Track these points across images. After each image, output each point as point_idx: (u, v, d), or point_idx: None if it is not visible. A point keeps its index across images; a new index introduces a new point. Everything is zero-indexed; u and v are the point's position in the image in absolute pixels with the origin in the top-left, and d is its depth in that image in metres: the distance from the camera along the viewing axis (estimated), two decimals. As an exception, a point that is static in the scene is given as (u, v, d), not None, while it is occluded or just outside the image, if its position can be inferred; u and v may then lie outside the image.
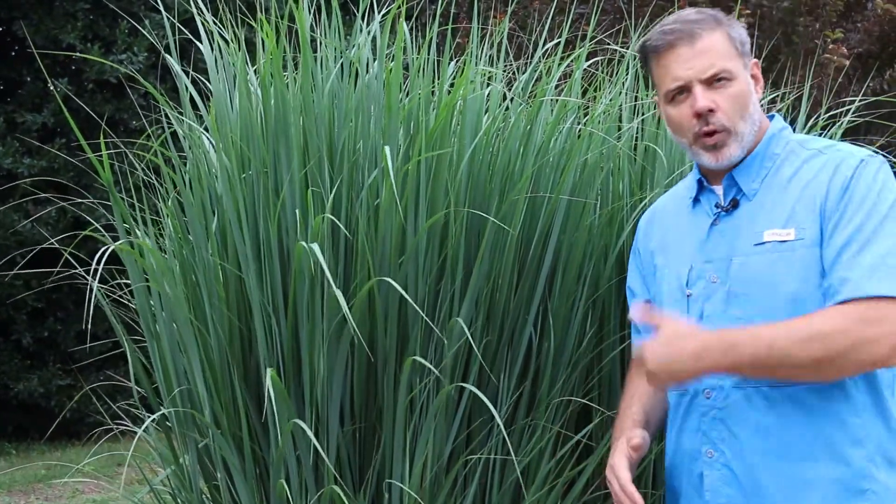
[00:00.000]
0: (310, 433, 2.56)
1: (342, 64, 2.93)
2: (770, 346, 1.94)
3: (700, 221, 2.20)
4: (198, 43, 3.08)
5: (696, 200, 2.23)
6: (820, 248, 2.02)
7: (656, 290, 2.28)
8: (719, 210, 2.16)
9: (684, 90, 2.14)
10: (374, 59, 2.97)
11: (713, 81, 2.12)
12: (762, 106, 2.25)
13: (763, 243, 2.07)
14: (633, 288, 2.40)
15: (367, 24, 3.07)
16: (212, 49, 2.99)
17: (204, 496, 2.95)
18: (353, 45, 2.98)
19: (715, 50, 2.13)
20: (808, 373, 1.96)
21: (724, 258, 2.13)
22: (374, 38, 3.03)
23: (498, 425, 2.73)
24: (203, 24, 3.00)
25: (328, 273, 2.49)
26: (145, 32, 3.54)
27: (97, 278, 2.75)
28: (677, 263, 2.21)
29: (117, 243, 2.89)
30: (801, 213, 2.06)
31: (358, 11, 3.07)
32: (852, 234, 1.99)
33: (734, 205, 2.15)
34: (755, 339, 1.96)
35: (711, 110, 2.11)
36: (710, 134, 2.12)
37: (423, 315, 2.70)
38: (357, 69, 2.91)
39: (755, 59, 2.19)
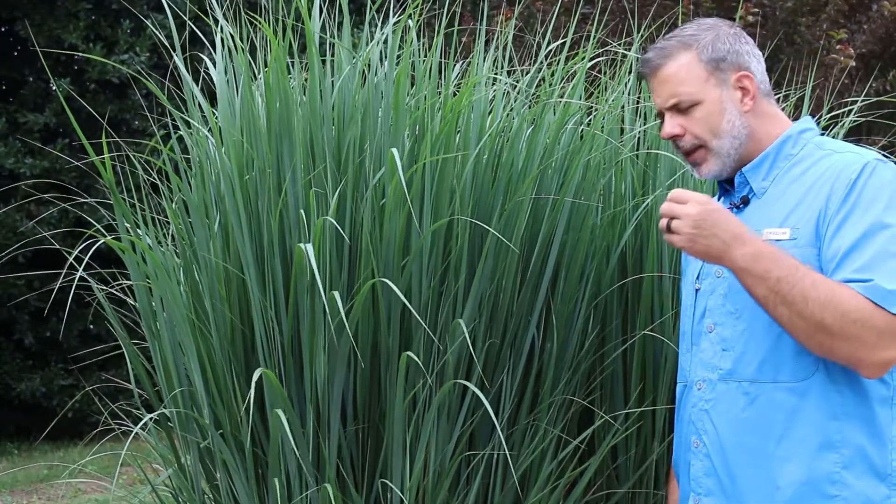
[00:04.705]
0: (286, 423, 2.55)
1: (351, 65, 2.93)
2: (794, 284, 1.95)
3: None
4: (205, 40, 3.08)
5: (719, 199, 2.28)
6: (813, 249, 2.04)
7: (683, 285, 2.35)
8: (731, 207, 2.20)
9: (661, 117, 2.24)
10: (382, 62, 2.97)
11: (677, 108, 2.18)
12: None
13: None
14: (682, 288, 2.46)
15: (374, 26, 3.07)
16: (218, 47, 2.99)
17: (206, 496, 2.95)
18: (366, 47, 2.98)
19: (675, 78, 2.19)
20: (803, 328, 1.97)
21: None
22: (379, 40, 3.03)
23: (500, 425, 2.74)
24: (213, 20, 3.00)
25: (318, 276, 2.49)
26: (153, 29, 3.53)
27: (98, 279, 2.75)
28: (694, 259, 2.25)
29: (107, 238, 2.89)
30: (799, 212, 2.08)
31: (367, 14, 3.08)
32: (867, 231, 1.99)
33: (745, 202, 2.18)
34: (792, 270, 1.97)
35: (677, 135, 2.19)
36: (688, 153, 2.20)
37: (423, 323, 2.70)
38: (365, 70, 2.91)
39: (744, 72, 2.19)
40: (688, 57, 2.18)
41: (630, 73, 3.25)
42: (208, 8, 3.03)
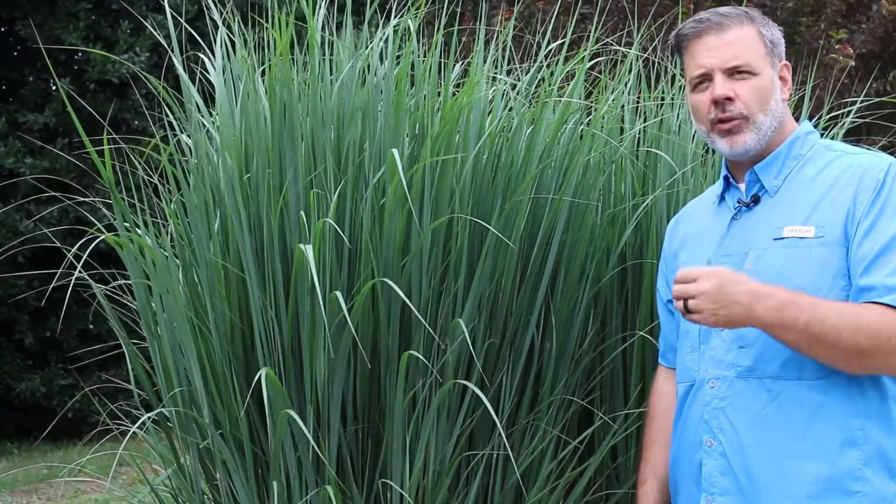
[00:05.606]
0: (300, 423, 2.55)
1: (352, 65, 2.93)
2: (823, 321, 1.95)
3: (722, 217, 2.24)
4: (202, 42, 3.07)
5: (721, 198, 2.27)
6: (842, 248, 2.04)
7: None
8: (740, 205, 2.20)
9: (706, 79, 2.19)
10: (382, 62, 2.97)
11: (735, 73, 2.16)
12: None
13: (782, 238, 2.10)
14: (659, 290, 2.45)
15: (375, 27, 3.07)
16: (217, 49, 2.99)
17: (205, 496, 2.95)
18: (367, 48, 2.98)
19: (741, 43, 2.17)
20: (843, 358, 1.98)
21: (740, 252, 2.16)
22: (379, 40, 3.03)
23: (499, 425, 2.73)
24: (210, 20, 3.00)
25: (315, 277, 2.49)
26: (152, 29, 3.53)
27: (98, 279, 2.75)
28: (697, 259, 2.24)
29: (105, 235, 2.89)
30: (823, 211, 2.08)
31: (367, 13, 3.07)
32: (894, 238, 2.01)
33: (755, 200, 2.18)
34: (813, 309, 1.96)
35: (729, 98, 2.15)
36: (726, 121, 2.16)
37: (424, 321, 2.70)
38: (365, 70, 2.91)
39: (786, 62, 2.24)
40: (752, 29, 2.19)
41: (630, 72, 3.25)
42: (205, 8, 3.03)
